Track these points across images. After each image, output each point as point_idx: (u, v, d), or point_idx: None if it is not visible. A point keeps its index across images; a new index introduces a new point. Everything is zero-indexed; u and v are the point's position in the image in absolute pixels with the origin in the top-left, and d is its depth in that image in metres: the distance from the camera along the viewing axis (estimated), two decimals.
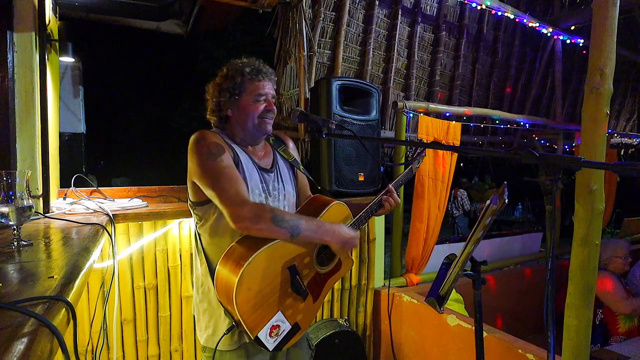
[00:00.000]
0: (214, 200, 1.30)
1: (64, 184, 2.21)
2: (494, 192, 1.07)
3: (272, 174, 1.48)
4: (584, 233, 1.58)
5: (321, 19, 3.12)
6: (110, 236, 1.62)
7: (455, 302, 2.63)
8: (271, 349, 1.28)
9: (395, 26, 3.58)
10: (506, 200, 1.02)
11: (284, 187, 1.50)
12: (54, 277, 0.78)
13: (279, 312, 1.30)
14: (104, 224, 1.50)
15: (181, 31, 3.65)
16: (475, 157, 6.47)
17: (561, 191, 3.85)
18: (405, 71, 3.80)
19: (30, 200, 1.01)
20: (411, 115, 2.75)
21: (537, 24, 4.01)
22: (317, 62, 3.17)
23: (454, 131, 2.84)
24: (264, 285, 1.26)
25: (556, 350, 0.99)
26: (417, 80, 3.88)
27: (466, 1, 3.47)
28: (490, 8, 3.56)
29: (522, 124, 3.76)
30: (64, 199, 2.03)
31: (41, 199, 1.67)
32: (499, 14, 3.70)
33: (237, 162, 1.38)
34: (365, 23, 3.45)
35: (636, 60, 5.34)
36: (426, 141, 2.68)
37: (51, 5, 2.10)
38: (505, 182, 1.07)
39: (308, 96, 2.82)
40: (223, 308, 1.33)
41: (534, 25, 3.99)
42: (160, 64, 13.73)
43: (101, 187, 2.25)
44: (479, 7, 3.59)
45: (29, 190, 1.01)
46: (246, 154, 1.44)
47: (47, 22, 1.86)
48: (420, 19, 3.72)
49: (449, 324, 2.21)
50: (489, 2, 3.47)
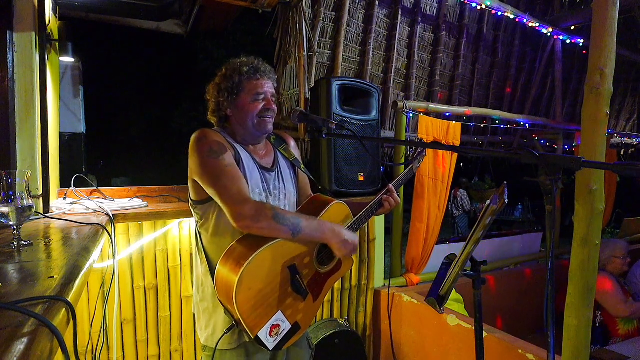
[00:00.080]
0: (216, 199, 1.30)
1: (64, 184, 2.21)
2: (494, 192, 1.07)
3: (273, 173, 1.48)
4: (584, 233, 1.57)
5: (321, 19, 3.12)
6: (110, 236, 1.62)
7: (455, 302, 2.63)
8: (271, 349, 1.29)
9: (395, 26, 3.58)
10: (506, 200, 1.02)
11: (284, 186, 1.50)
12: (54, 277, 0.78)
13: (279, 311, 1.30)
14: (104, 224, 1.50)
15: (181, 31, 3.65)
16: (475, 157, 6.48)
17: (561, 191, 3.85)
18: (405, 71, 3.80)
19: (30, 200, 1.01)
20: (411, 115, 2.75)
21: (537, 24, 4.01)
22: (317, 62, 3.17)
23: (454, 131, 2.84)
24: (264, 285, 1.26)
25: (556, 350, 0.99)
26: (417, 80, 3.88)
27: (466, 1, 3.48)
28: (490, 8, 3.56)
29: (522, 124, 3.76)
30: (64, 199, 2.03)
31: (41, 199, 1.67)
32: (499, 14, 3.70)
33: (238, 161, 1.37)
34: (365, 23, 3.45)
35: (636, 60, 5.34)
36: (426, 141, 2.68)
37: (51, 5, 2.10)
38: (505, 182, 1.08)
39: (308, 96, 2.82)
40: (223, 307, 1.33)
41: (534, 25, 4.00)
42: (160, 64, 13.73)
43: (101, 187, 2.25)
44: (479, 7, 3.60)
45: (29, 190, 1.01)
46: (247, 153, 1.44)
47: (47, 22, 1.86)
48: (420, 19, 3.72)
49: (449, 324, 2.22)
50: (489, 2, 3.47)
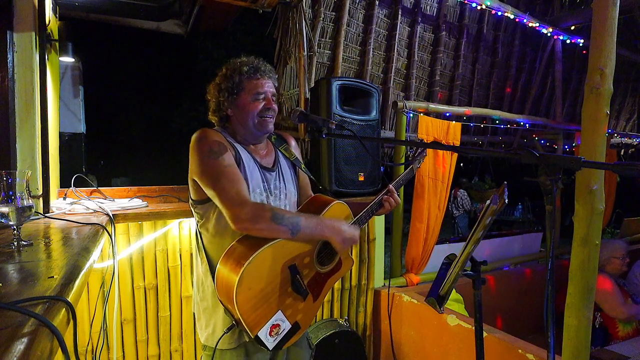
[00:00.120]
0: (214, 200, 1.31)
1: (64, 184, 2.21)
2: (494, 192, 1.07)
3: (273, 173, 1.48)
4: (584, 233, 1.58)
5: (321, 19, 3.12)
6: (110, 236, 1.62)
7: (455, 302, 2.63)
8: (271, 348, 1.29)
9: (395, 26, 3.58)
10: (506, 200, 1.02)
11: (285, 186, 1.50)
12: (54, 277, 0.78)
13: (279, 311, 1.30)
14: (104, 224, 1.50)
15: (181, 31, 3.65)
16: (475, 157, 6.48)
17: (561, 191, 3.85)
18: (405, 71, 3.80)
19: (30, 200, 1.01)
20: (411, 115, 2.74)
21: (537, 24, 4.01)
22: (317, 62, 3.17)
23: (454, 131, 2.84)
24: (264, 285, 1.26)
25: (556, 350, 0.99)
26: (417, 80, 3.88)
27: (466, 1, 3.48)
28: (490, 8, 3.56)
29: (522, 124, 3.76)
30: (64, 199, 2.03)
31: (41, 199, 1.67)
32: (499, 14, 3.70)
33: (238, 161, 1.38)
34: (365, 23, 3.45)
35: (636, 60, 5.34)
36: (426, 141, 2.68)
37: (51, 5, 2.10)
38: (505, 182, 1.08)
39: (308, 96, 2.82)
40: (223, 307, 1.33)
41: (534, 25, 3.99)
42: (160, 64, 13.74)
43: (101, 187, 2.25)
44: (479, 7, 3.59)
45: (29, 190, 1.01)
46: (248, 153, 1.44)
47: (47, 22, 1.86)
48: (420, 19, 3.72)
49: (449, 324, 2.22)
50: (489, 2, 3.47)
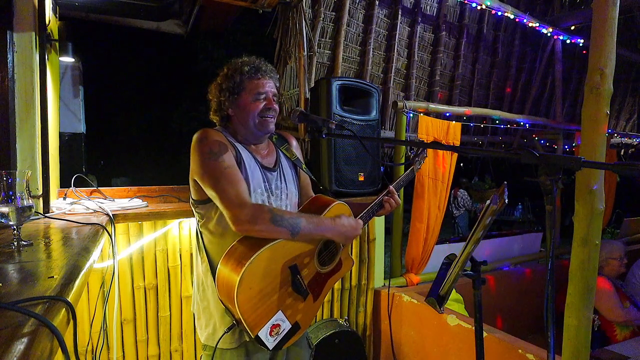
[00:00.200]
0: (215, 201, 1.31)
1: (64, 184, 2.21)
2: (494, 192, 1.07)
3: (274, 173, 1.48)
4: (584, 233, 1.58)
5: (321, 19, 3.12)
6: (110, 236, 1.62)
7: (455, 302, 2.63)
8: (271, 348, 1.29)
9: (395, 26, 3.58)
10: (506, 200, 1.02)
11: (286, 186, 1.50)
12: (54, 277, 0.78)
13: (280, 311, 1.30)
14: (104, 224, 1.50)
15: (181, 31, 3.65)
16: (475, 157, 6.48)
17: (561, 191, 3.85)
18: (405, 71, 3.80)
19: (30, 200, 1.01)
20: (411, 115, 2.74)
21: (537, 24, 4.01)
22: (317, 62, 3.18)
23: (454, 131, 2.84)
24: (265, 285, 1.26)
25: (556, 350, 0.99)
26: (417, 80, 3.88)
27: (466, 1, 3.48)
28: (490, 8, 3.56)
29: (522, 124, 3.76)
30: (64, 199, 2.03)
31: (41, 199, 1.67)
32: (499, 14, 3.70)
33: (239, 161, 1.38)
34: (365, 23, 3.45)
35: (636, 60, 5.34)
36: (426, 141, 2.68)
37: (51, 5, 2.10)
38: (505, 182, 1.08)
39: (308, 96, 2.82)
40: (224, 306, 1.33)
41: (534, 25, 4.00)
42: (160, 64, 13.75)
43: (101, 187, 2.25)
44: (479, 7, 3.60)
45: (29, 190, 1.01)
46: (249, 153, 1.44)
47: (47, 22, 1.86)
48: (420, 19, 3.72)
49: (449, 324, 2.21)
50: (489, 2, 3.47)
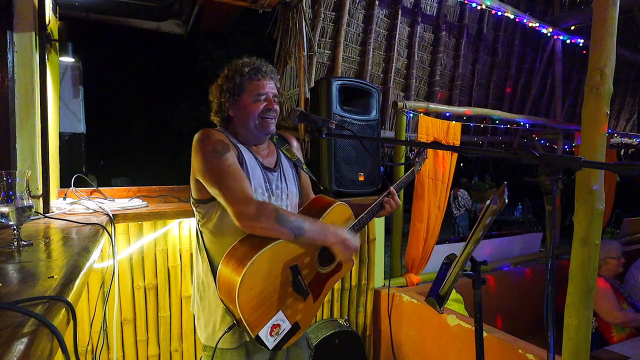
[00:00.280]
0: (219, 199, 1.30)
1: (64, 184, 2.21)
2: (494, 192, 1.07)
3: (275, 173, 1.48)
4: (584, 233, 1.58)
5: (321, 19, 3.12)
6: (110, 236, 1.62)
7: (455, 302, 2.63)
8: (271, 348, 1.29)
9: (395, 26, 3.58)
10: (506, 200, 1.02)
11: (287, 186, 1.50)
12: (54, 277, 0.78)
13: (280, 311, 1.30)
14: (104, 224, 1.49)
15: (181, 31, 3.65)
16: (475, 157, 6.48)
17: (561, 191, 3.85)
18: (405, 71, 3.80)
19: (30, 200, 1.01)
20: (411, 115, 2.74)
21: (537, 24, 4.01)
22: (317, 62, 3.18)
23: (454, 131, 2.84)
24: (265, 285, 1.26)
25: (556, 350, 0.99)
26: (417, 80, 3.88)
27: (466, 1, 3.48)
28: (490, 8, 3.56)
29: (522, 124, 3.76)
30: (64, 199, 2.03)
31: (41, 199, 1.67)
32: (499, 14, 3.70)
33: (241, 161, 1.38)
34: (365, 23, 3.45)
35: (636, 60, 5.34)
36: (426, 141, 2.68)
37: (51, 5, 2.10)
38: (505, 182, 1.08)
39: (308, 96, 2.82)
40: (224, 306, 1.33)
41: (534, 25, 4.00)
42: (160, 64, 13.74)
43: (101, 187, 2.25)
44: (479, 7, 3.60)
45: (29, 190, 1.01)
46: (250, 153, 1.44)
47: (47, 22, 1.86)
48: (420, 19, 3.72)
49: (449, 324, 2.21)
50: (489, 2, 3.47)
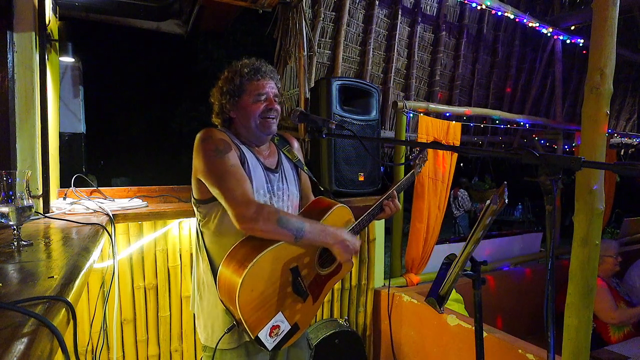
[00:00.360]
0: (219, 199, 1.31)
1: (64, 184, 2.21)
2: (494, 192, 1.07)
3: (277, 174, 1.49)
4: (584, 233, 1.58)
5: (321, 19, 3.12)
6: (110, 236, 1.62)
7: (455, 302, 2.63)
8: (270, 349, 1.29)
9: (395, 26, 3.57)
10: (506, 200, 1.02)
11: (288, 187, 1.51)
12: (54, 277, 0.78)
13: (280, 312, 1.30)
14: (104, 224, 1.49)
15: (181, 31, 3.65)
16: (475, 157, 6.48)
17: (561, 191, 3.85)
18: (405, 71, 3.80)
19: (30, 200, 1.01)
20: (411, 115, 2.74)
21: (537, 24, 4.01)
22: (317, 62, 3.17)
23: (454, 131, 2.84)
24: (266, 286, 1.26)
25: (556, 351, 0.99)
26: (417, 80, 3.88)
27: (466, 1, 3.47)
28: (490, 8, 3.56)
29: (522, 124, 3.76)
30: (64, 199, 2.03)
31: (41, 199, 1.67)
32: (499, 14, 3.70)
33: (243, 161, 1.38)
34: (365, 23, 3.45)
35: (636, 60, 5.33)
36: (426, 141, 2.68)
37: (51, 5, 2.10)
38: (505, 182, 1.08)
39: (308, 96, 2.82)
40: (224, 307, 1.33)
41: (534, 25, 3.99)
42: (160, 64, 13.73)
43: (101, 187, 2.25)
44: (479, 7, 3.59)
45: (29, 190, 1.01)
46: (252, 153, 1.44)
47: (47, 22, 1.85)
48: (420, 19, 3.72)
49: (449, 324, 2.21)
50: (489, 2, 3.47)
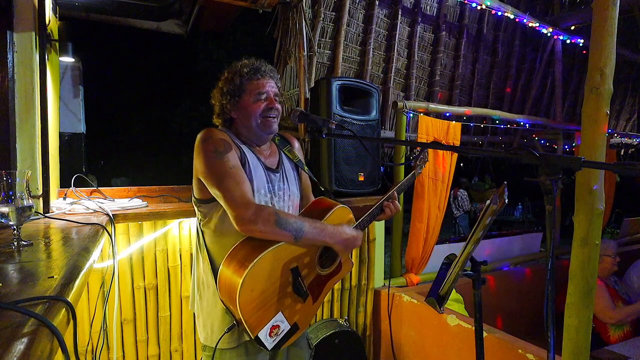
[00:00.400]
0: (219, 200, 1.31)
1: (64, 184, 2.21)
2: (494, 192, 1.07)
3: (278, 174, 1.49)
4: (584, 233, 1.58)
5: (321, 19, 3.12)
6: (110, 236, 1.62)
7: (455, 302, 2.63)
8: (270, 348, 1.29)
9: (395, 26, 3.57)
10: (506, 200, 1.02)
11: (289, 187, 1.51)
12: (54, 277, 0.78)
13: (280, 312, 1.30)
14: (104, 224, 1.49)
15: (181, 31, 3.65)
16: (475, 157, 6.48)
17: (561, 191, 3.85)
18: (405, 71, 3.80)
19: (30, 200, 1.01)
20: (411, 115, 2.74)
21: (537, 24, 4.01)
22: (317, 62, 3.17)
23: (454, 131, 2.84)
24: (266, 287, 1.26)
25: (556, 351, 0.99)
26: (417, 80, 3.87)
27: (466, 1, 3.47)
28: (490, 8, 3.56)
29: (522, 124, 3.76)
30: (64, 199, 2.03)
31: (41, 199, 1.67)
32: (499, 14, 3.70)
33: (243, 161, 1.38)
34: (365, 23, 3.45)
35: (636, 60, 5.33)
36: (426, 141, 2.68)
37: (51, 5, 2.10)
38: (505, 182, 1.08)
39: (308, 96, 2.82)
40: (223, 306, 1.33)
41: (534, 25, 3.99)
42: (160, 64, 13.73)
43: (101, 187, 2.24)
44: (479, 7, 3.59)
45: (29, 190, 1.01)
46: (253, 153, 1.44)
47: (47, 22, 1.85)
48: (420, 19, 3.72)
49: (449, 324, 2.21)
50: (489, 2, 3.47)
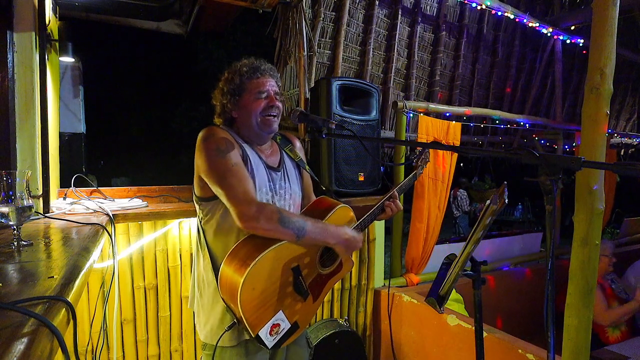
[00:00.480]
0: (221, 198, 1.31)
1: (64, 184, 2.21)
2: (494, 192, 1.07)
3: (279, 173, 1.49)
4: (584, 233, 1.58)
5: (321, 19, 3.12)
6: (110, 236, 1.62)
7: (455, 302, 2.63)
8: (270, 347, 1.29)
9: (395, 26, 3.57)
10: (506, 200, 1.02)
11: (290, 186, 1.51)
12: (54, 277, 0.78)
13: (280, 311, 1.30)
14: (104, 224, 1.49)
15: (181, 31, 3.65)
16: (475, 157, 6.48)
17: (561, 191, 3.85)
18: (405, 71, 3.80)
19: (30, 200, 1.01)
20: (411, 115, 2.75)
21: (537, 24, 4.01)
22: (317, 62, 3.17)
23: (454, 131, 2.84)
24: (267, 285, 1.26)
25: (556, 350, 0.99)
26: (417, 80, 3.87)
27: (466, 1, 3.47)
28: (490, 8, 3.56)
29: (522, 124, 3.76)
30: (64, 199, 2.03)
31: (41, 199, 1.67)
32: (499, 14, 3.70)
33: (245, 159, 1.38)
34: (365, 23, 3.45)
35: (636, 60, 5.33)
36: (426, 141, 2.68)
37: (51, 5, 2.10)
38: (505, 182, 1.08)
39: (308, 96, 2.82)
40: (224, 304, 1.33)
41: (534, 25, 3.99)
42: (160, 64, 13.74)
43: (101, 187, 2.24)
44: (479, 7, 3.59)
45: (29, 190, 1.01)
46: (254, 152, 1.44)
47: (47, 22, 1.85)
48: (420, 19, 3.72)
49: (449, 324, 2.21)
50: (489, 2, 3.47)
